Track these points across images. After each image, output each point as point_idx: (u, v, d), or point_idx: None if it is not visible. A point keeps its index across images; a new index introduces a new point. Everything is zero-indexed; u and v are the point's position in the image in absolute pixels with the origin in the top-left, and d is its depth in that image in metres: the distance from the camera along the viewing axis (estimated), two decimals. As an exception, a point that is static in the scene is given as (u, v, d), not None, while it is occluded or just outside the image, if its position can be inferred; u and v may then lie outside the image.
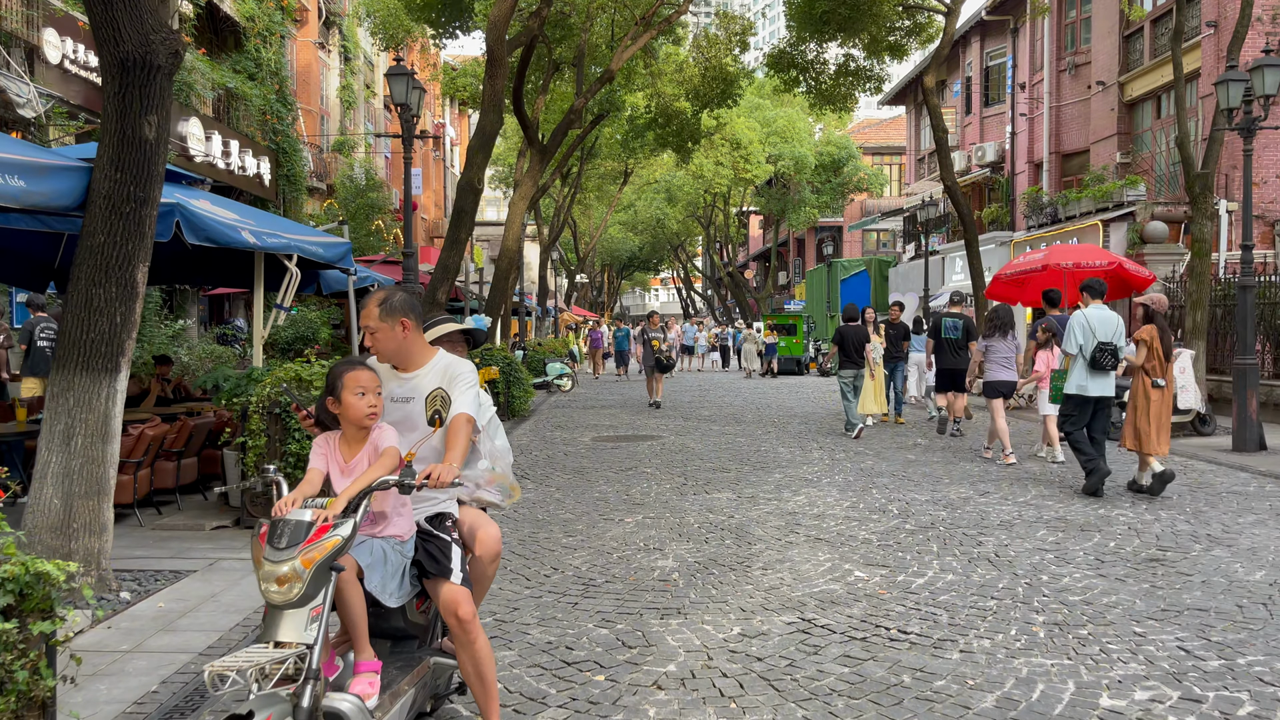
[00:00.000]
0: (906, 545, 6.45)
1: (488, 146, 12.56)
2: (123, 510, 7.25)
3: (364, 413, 3.16)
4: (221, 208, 8.23)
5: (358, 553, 3.05)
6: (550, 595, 5.38)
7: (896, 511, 7.61)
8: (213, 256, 9.41)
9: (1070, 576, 5.63)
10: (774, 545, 6.50)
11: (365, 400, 3.16)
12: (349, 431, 3.22)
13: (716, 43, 22.93)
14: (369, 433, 3.22)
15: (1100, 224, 18.25)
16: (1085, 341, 8.20)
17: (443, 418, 3.29)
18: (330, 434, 3.28)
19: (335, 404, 3.20)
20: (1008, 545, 6.43)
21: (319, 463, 3.23)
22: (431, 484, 2.97)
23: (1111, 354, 8.15)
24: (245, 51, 19.46)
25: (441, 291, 12.39)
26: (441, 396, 3.32)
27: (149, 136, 5.38)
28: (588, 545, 6.57)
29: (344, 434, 3.24)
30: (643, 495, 8.51)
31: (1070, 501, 7.99)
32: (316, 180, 24.00)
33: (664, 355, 17.20)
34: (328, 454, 3.24)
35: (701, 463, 10.50)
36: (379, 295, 3.33)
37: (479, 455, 3.62)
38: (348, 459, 3.21)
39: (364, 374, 3.19)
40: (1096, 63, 21.55)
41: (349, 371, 3.19)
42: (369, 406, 3.17)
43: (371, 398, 3.18)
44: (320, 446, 3.27)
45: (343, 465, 3.20)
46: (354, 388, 3.16)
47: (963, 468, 9.96)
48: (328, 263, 9.13)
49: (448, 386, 3.36)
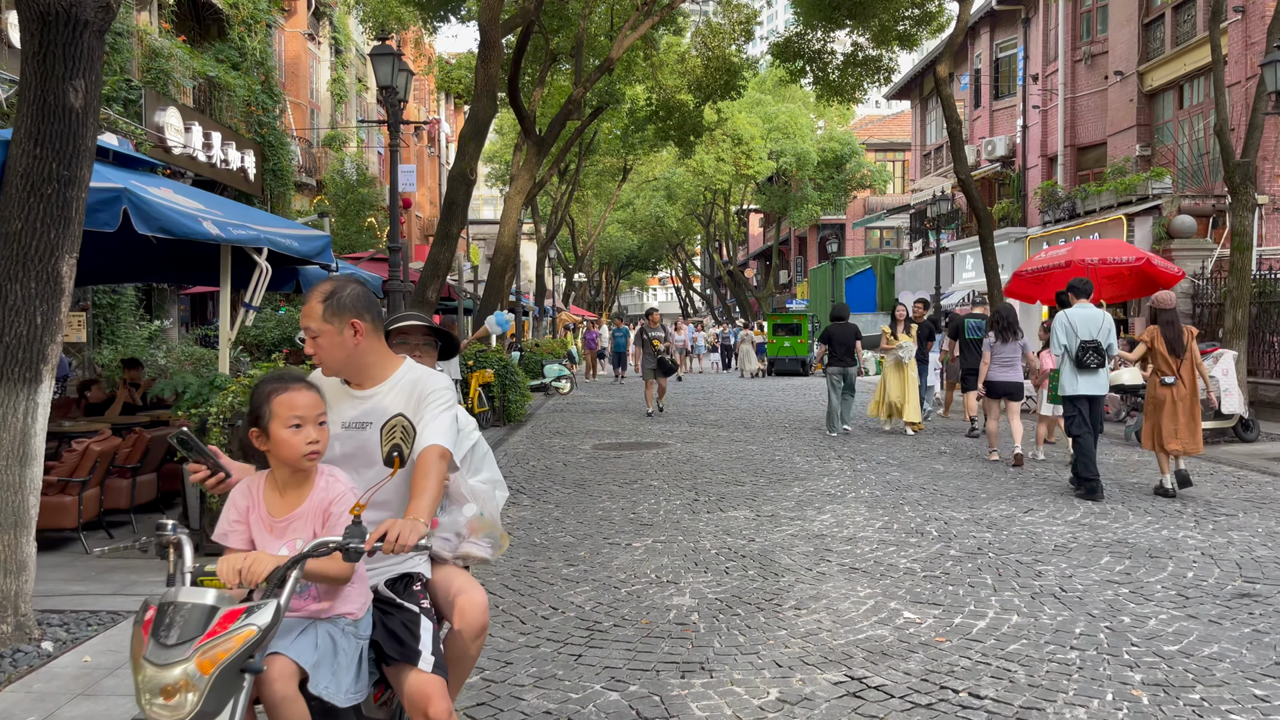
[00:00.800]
0: (956, 576, 5.64)
1: (480, 134, 11.75)
2: (68, 536, 6.44)
3: (300, 451, 2.34)
4: (186, 196, 7.44)
5: (299, 647, 2.22)
6: (549, 644, 4.57)
7: (936, 534, 6.80)
8: (194, 253, 8.59)
9: (1156, 618, 4.83)
10: (805, 577, 5.69)
11: (303, 434, 2.34)
12: (281, 474, 2.40)
13: (720, 32, 22.13)
14: (310, 476, 2.41)
15: (1124, 218, 17.45)
16: (1069, 341, 8.22)
17: (404, 454, 2.49)
18: (255, 477, 2.44)
19: (261, 438, 2.37)
20: (1071, 576, 5.62)
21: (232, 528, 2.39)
22: (389, 548, 2.17)
23: (1095, 352, 8.12)
24: (229, 41, 18.64)
25: (432, 289, 11.58)
26: (403, 426, 2.51)
27: (75, 105, 4.57)
28: (591, 577, 5.76)
29: (273, 477, 2.42)
30: (651, 513, 7.70)
31: (1126, 520, 7.19)
32: (306, 176, 23.17)
33: (665, 357, 15.87)
34: (249, 508, 2.40)
35: (712, 474, 9.69)
36: (323, 287, 2.52)
37: (460, 497, 2.81)
38: (278, 513, 2.37)
39: (301, 395, 2.37)
40: (1114, 52, 20.75)
41: (281, 392, 2.37)
42: (308, 443, 2.35)
43: (311, 429, 2.36)
44: (238, 497, 2.42)
45: (269, 521, 2.37)
46: (287, 415, 2.34)
47: (998, 480, 9.16)
48: (304, 258, 8.32)
49: (414, 409, 2.55)
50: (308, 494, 2.39)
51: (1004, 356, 10.59)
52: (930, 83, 30.77)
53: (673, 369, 16.33)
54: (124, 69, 14.47)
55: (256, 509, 2.39)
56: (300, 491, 2.39)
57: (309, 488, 2.39)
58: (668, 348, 16.43)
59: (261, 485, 2.42)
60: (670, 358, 16.35)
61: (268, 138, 19.26)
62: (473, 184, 11.84)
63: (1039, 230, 22.11)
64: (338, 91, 26.17)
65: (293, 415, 2.34)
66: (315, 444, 2.36)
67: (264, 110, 19.14)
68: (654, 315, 16.90)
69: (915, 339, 12.74)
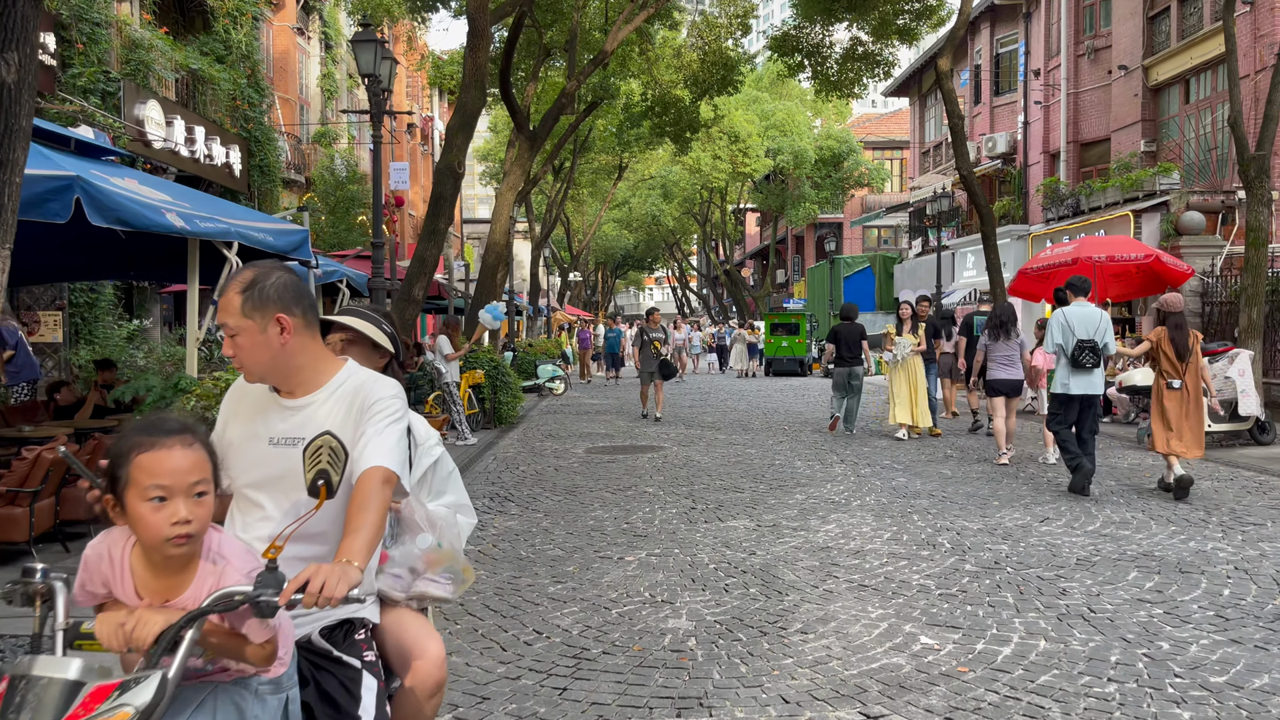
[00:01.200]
0: (974, 595, 5.22)
1: (469, 126, 11.31)
2: (21, 549, 6.01)
3: (160, 535, 1.77)
4: (154, 188, 7.01)
5: None
6: (531, 675, 4.14)
7: (949, 545, 6.38)
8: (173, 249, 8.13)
9: (1197, 643, 4.41)
10: (811, 595, 5.27)
11: (166, 511, 1.77)
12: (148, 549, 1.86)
13: (716, 26, 21.70)
14: (193, 559, 1.86)
15: (1131, 215, 17.05)
16: (1065, 340, 8.14)
17: (331, 483, 2.05)
18: (119, 538, 1.89)
19: (115, 508, 1.82)
20: (1099, 595, 5.20)
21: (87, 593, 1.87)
22: (311, 601, 1.73)
23: (1091, 351, 8.05)
24: (214, 33, 18.18)
25: (419, 287, 11.15)
26: (330, 448, 2.08)
27: (7, 80, 4.12)
28: (580, 596, 5.33)
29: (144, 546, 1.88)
30: (645, 523, 7.27)
31: (1149, 530, 6.78)
32: (294, 172, 22.72)
33: (666, 359, 15.10)
34: (111, 581, 1.86)
35: (710, 480, 9.27)
36: (242, 275, 2.09)
37: (415, 526, 2.38)
38: (152, 595, 1.84)
39: (172, 457, 1.79)
40: (1118, 46, 20.36)
41: (145, 449, 1.79)
42: (172, 523, 1.77)
43: (181, 505, 1.78)
44: (96, 562, 1.87)
45: (133, 595, 1.85)
46: (146, 484, 1.77)
47: (1009, 486, 8.74)
48: (279, 253, 7.88)
49: (355, 421, 2.12)
50: (190, 580, 1.85)
51: (1003, 355, 10.51)
52: (929, 80, 30.40)
53: (674, 372, 15.57)
54: (102, 60, 14.01)
55: (121, 585, 1.85)
56: (179, 577, 1.85)
57: (191, 573, 1.86)
58: (669, 349, 15.65)
59: (127, 553, 1.86)
60: (671, 360, 15.58)
61: (254, 133, 18.79)
62: (460, 177, 11.41)
63: (1042, 228, 21.72)
64: (328, 87, 25.71)
65: (154, 484, 1.76)
66: (185, 526, 1.77)
67: (250, 105, 18.67)
68: (654, 315, 15.99)
69: (922, 337, 12.23)
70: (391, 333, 2.67)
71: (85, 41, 13.67)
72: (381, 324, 2.65)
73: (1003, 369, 10.50)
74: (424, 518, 2.36)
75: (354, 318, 2.62)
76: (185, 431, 1.87)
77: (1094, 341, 8.06)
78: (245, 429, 2.21)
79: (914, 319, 12.52)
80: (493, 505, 8.16)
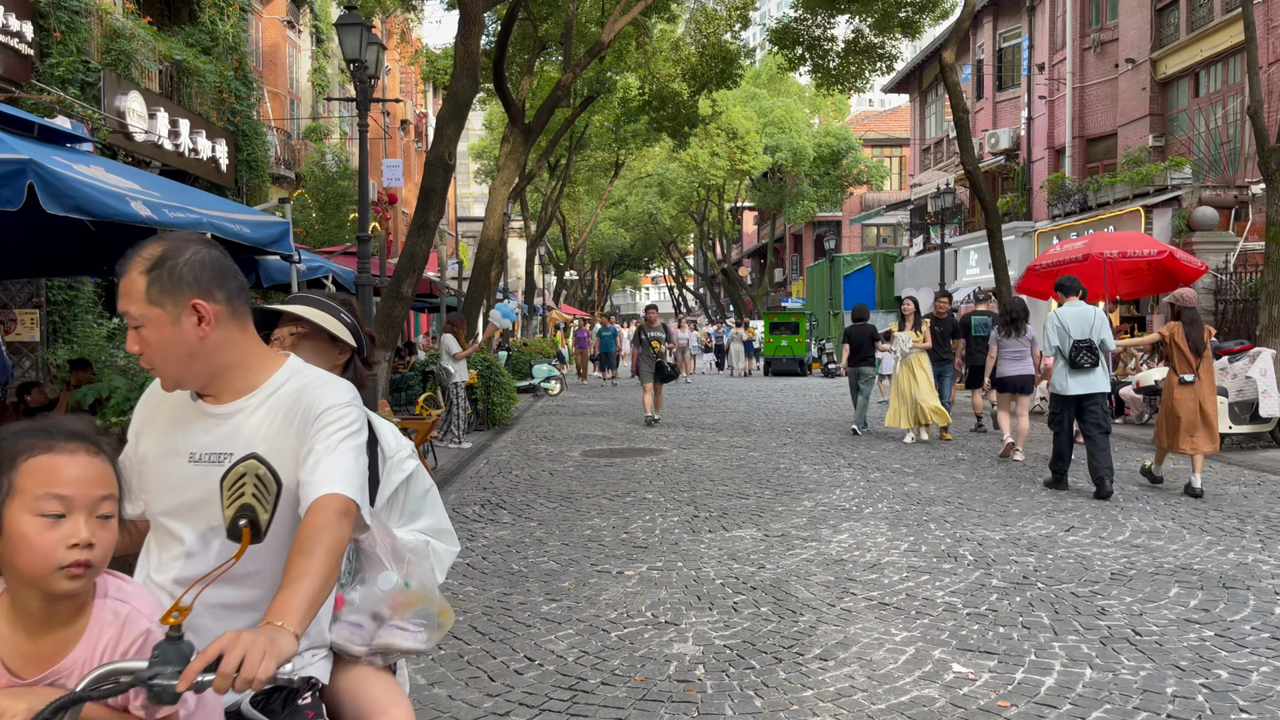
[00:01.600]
0: (1005, 615, 4.79)
1: (460, 115, 10.86)
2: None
3: (52, 562, 1.36)
4: (122, 176, 6.56)
5: None
6: (522, 711, 3.71)
7: (971, 558, 5.95)
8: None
9: (1258, 671, 3.99)
10: (828, 616, 4.84)
11: (61, 531, 1.37)
12: (25, 598, 1.41)
13: (715, 18, 21.27)
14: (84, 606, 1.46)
15: (1142, 210, 16.64)
16: (1061, 341, 8.08)
17: (258, 523, 1.62)
18: None
19: None
20: (1141, 614, 4.78)
21: None
22: (225, 685, 1.30)
23: (1088, 351, 7.97)
24: (200, 24, 17.72)
25: (407, 284, 10.69)
26: (256, 477, 1.65)
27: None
28: (576, 616, 4.89)
29: (12, 598, 1.43)
30: (645, 533, 6.84)
31: (1183, 540, 6.36)
32: (284, 168, 22.26)
33: (665, 360, 14.12)
34: None
35: (713, 485, 8.84)
36: (147, 251, 1.65)
37: (378, 561, 1.94)
38: (23, 668, 1.41)
39: (77, 461, 1.41)
40: (1125, 39, 19.96)
41: (40, 453, 1.39)
42: (69, 546, 1.36)
43: (82, 523, 1.38)
44: None
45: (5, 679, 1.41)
46: (37, 493, 1.37)
47: (1027, 491, 8.32)
48: (257, 245, 7.44)
49: (294, 438, 1.68)
50: (78, 636, 1.43)
51: (1013, 350, 10.42)
52: (929, 75, 30.00)
53: (673, 375, 14.61)
54: (81, 49, 13.55)
55: None
56: (66, 632, 1.43)
57: (81, 625, 1.44)
58: (669, 350, 14.58)
59: None
60: (671, 362, 14.57)
61: (241, 126, 18.31)
62: (451, 169, 10.96)
63: (1048, 224, 21.31)
64: (319, 82, 25.25)
65: (49, 494, 1.36)
66: (85, 551, 1.37)
67: (237, 98, 18.19)
68: (652, 313, 14.91)
69: (927, 334, 11.67)
70: (353, 324, 2.23)
71: (64, 30, 13.21)
72: (340, 313, 2.21)
73: (1013, 365, 10.40)
74: (390, 550, 1.92)
75: (306, 306, 2.17)
76: (89, 438, 1.45)
77: (1090, 341, 7.99)
78: (161, 443, 1.78)
79: (917, 316, 12.05)
80: (484, 513, 7.72)
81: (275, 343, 2.11)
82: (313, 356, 2.09)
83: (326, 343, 2.17)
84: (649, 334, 14.24)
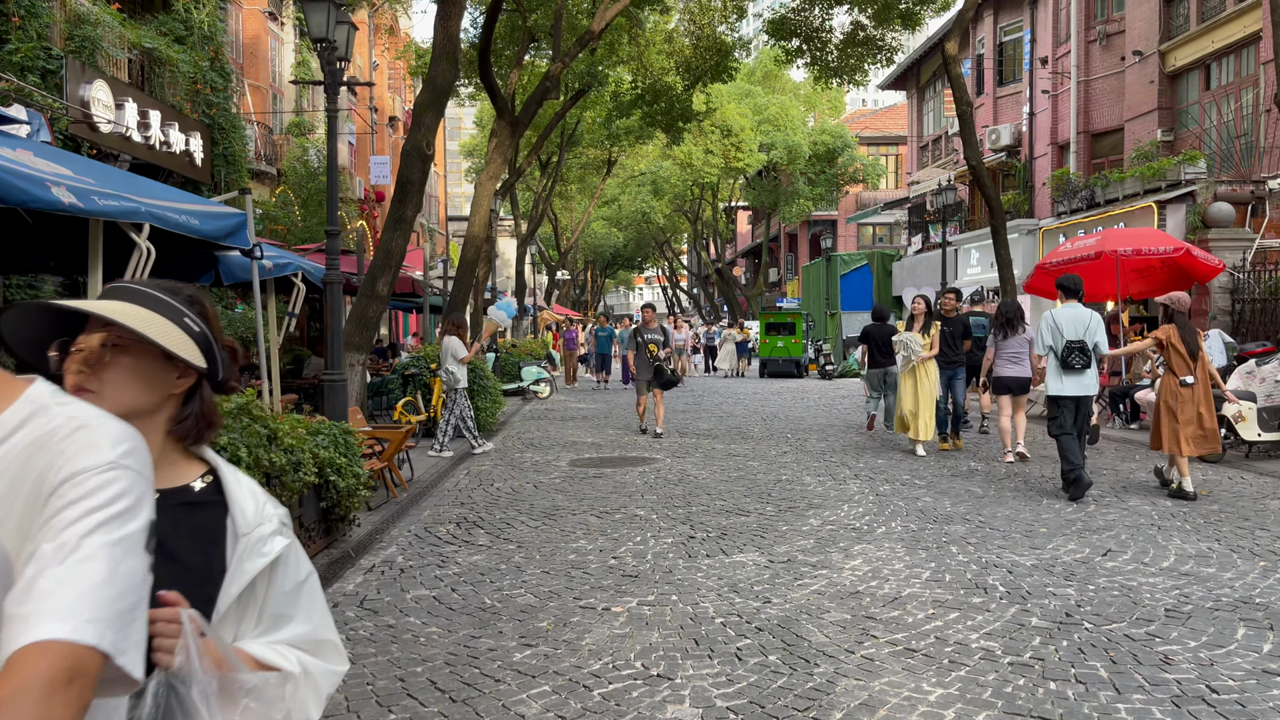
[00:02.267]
0: (1054, 666, 4.12)
1: (439, 103, 10.17)
2: None
3: None
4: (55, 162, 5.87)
5: None
6: (482, 802, 3.03)
7: (1003, 589, 5.28)
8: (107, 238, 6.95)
9: (1370, 745, 3.33)
10: (846, 666, 4.16)
11: None
12: None
13: (710, 10, 20.61)
14: None
15: (1155, 206, 16.01)
16: (1054, 342, 8.09)
17: None
18: None
19: None
20: (1211, 664, 4.11)
21: None
22: None
23: (1080, 352, 7.98)
24: (173, 12, 17.00)
25: (383, 282, 10.01)
26: None
27: None
28: (554, 667, 4.20)
29: None
30: (636, 558, 6.16)
31: (1236, 567, 5.69)
32: (266, 164, 21.55)
33: (664, 364, 12.78)
34: None
35: (710, 500, 8.16)
36: None
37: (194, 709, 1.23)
38: None
39: None
40: (1132, 31, 19.34)
41: None
42: None
43: None
44: None
45: None
46: None
47: (1050, 506, 7.65)
48: (206, 238, 6.75)
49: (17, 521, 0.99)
50: None
51: (1010, 351, 10.31)
52: (927, 72, 29.39)
53: (674, 382, 13.01)
54: (43, 35, 12.82)
55: None
56: None
57: None
58: (668, 354, 13.08)
59: None
60: (671, 367, 13.14)
61: (218, 119, 17.59)
62: (430, 159, 10.27)
63: (1053, 221, 20.70)
64: (302, 75, 24.52)
65: None
66: None
67: (213, 89, 17.47)
68: (648, 313, 13.23)
69: (935, 339, 10.88)
70: (202, 332, 1.51)
71: (23, 15, 12.49)
72: (183, 315, 1.48)
73: (1010, 366, 10.28)
74: (210, 691, 1.21)
75: (123, 302, 1.44)
76: None
77: (1083, 342, 8.01)
78: None
79: (927, 316, 11.28)
80: (459, 533, 7.03)
81: (80, 357, 1.40)
82: (132, 381, 1.40)
83: (157, 360, 1.44)
84: (646, 336, 12.85)
